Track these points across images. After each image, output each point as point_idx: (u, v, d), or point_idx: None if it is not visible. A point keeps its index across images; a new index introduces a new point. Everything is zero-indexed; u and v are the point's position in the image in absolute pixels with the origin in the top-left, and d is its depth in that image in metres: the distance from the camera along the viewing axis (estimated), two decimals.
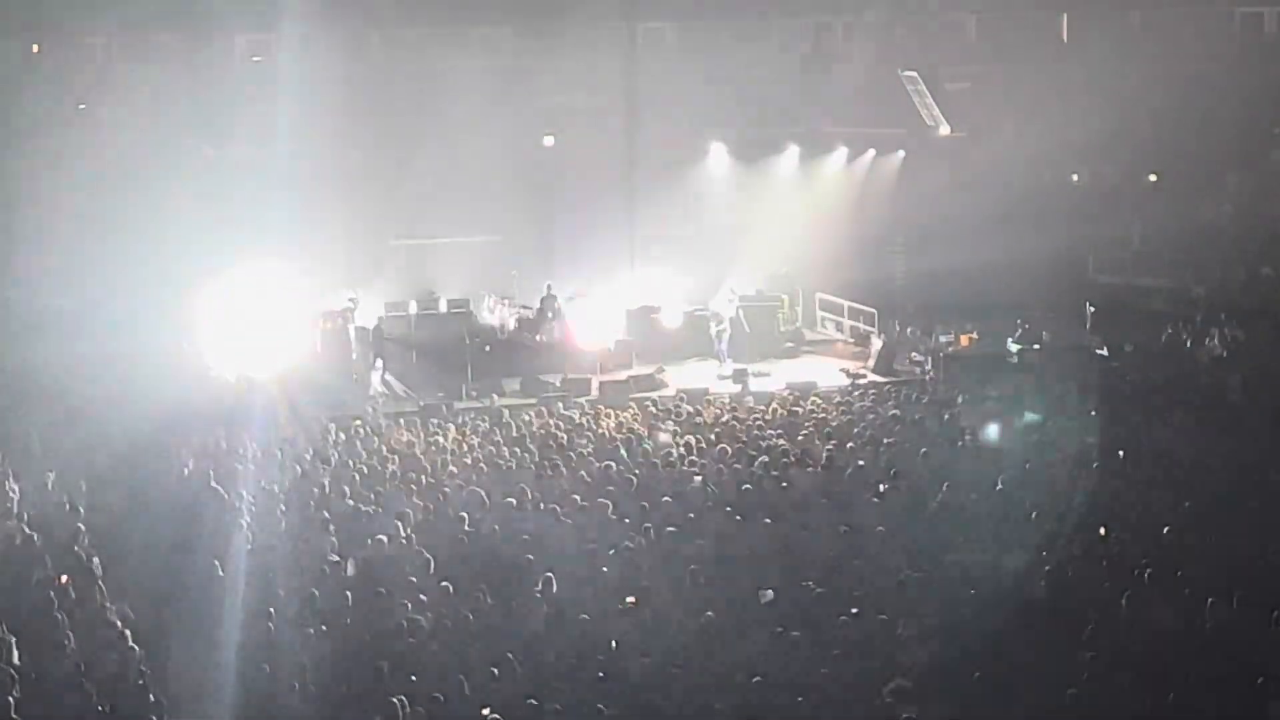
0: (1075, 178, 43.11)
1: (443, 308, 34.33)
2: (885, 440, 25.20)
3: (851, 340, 36.37)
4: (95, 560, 19.30)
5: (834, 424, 26.72)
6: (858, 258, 38.67)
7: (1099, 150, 41.67)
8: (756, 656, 16.02)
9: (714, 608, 17.41)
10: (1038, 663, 15.65)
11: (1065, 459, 23.52)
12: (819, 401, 29.25)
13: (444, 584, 18.21)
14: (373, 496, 22.18)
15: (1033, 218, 39.84)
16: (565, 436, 25.82)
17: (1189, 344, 32.99)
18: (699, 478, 22.98)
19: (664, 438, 24.74)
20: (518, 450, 24.82)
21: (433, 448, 25.46)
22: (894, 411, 27.79)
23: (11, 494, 22.17)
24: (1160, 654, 15.83)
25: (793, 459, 24.01)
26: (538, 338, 34.08)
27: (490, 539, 20.17)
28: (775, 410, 28.17)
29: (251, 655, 16.17)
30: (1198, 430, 25.80)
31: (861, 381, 32.04)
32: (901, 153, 41.33)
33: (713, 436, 25.58)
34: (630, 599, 17.81)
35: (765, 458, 23.99)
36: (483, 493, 22.16)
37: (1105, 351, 32.62)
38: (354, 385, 31.15)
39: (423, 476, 23.30)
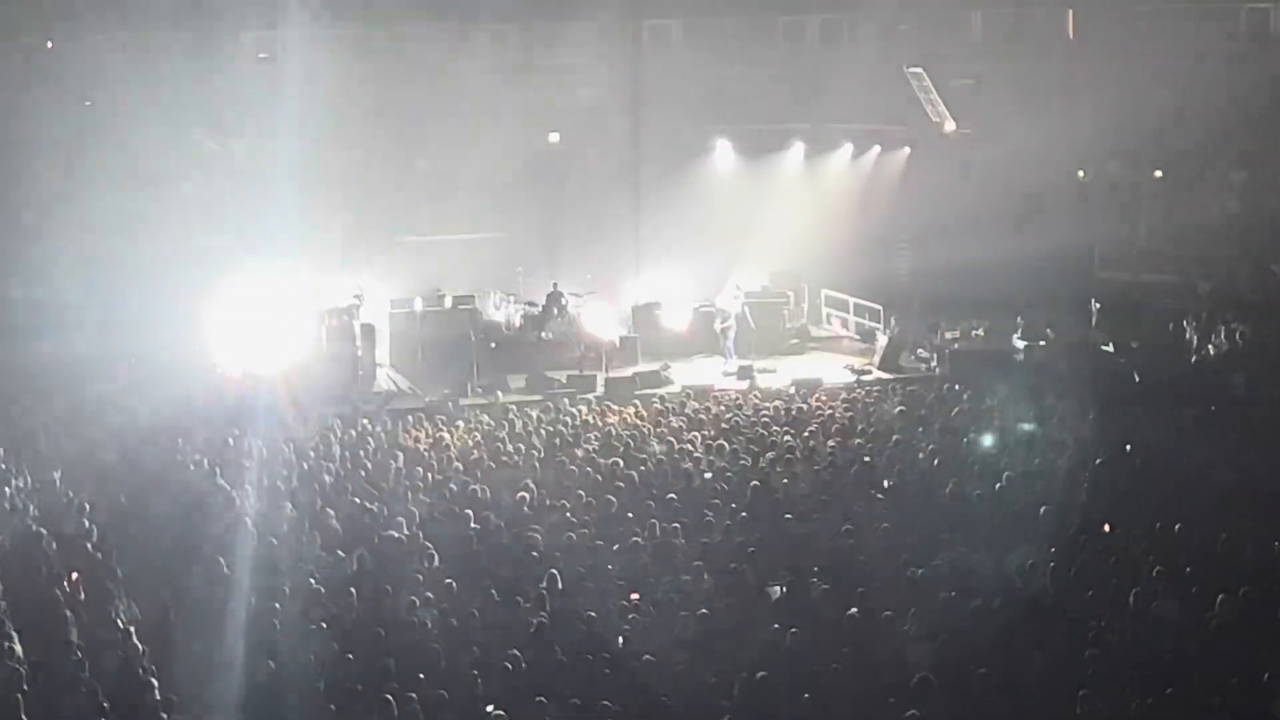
0: (1081, 174, 43.07)
1: (448, 304, 34.31)
2: (891, 437, 25.19)
3: (857, 337, 36.38)
4: (101, 557, 19.31)
5: (840, 421, 26.72)
6: (863, 254, 38.68)
7: (1105, 147, 41.65)
8: (761, 653, 16.01)
9: (719, 604, 17.41)
10: (1044, 660, 15.62)
11: (1071, 455, 23.48)
12: (824, 398, 29.26)
13: (449, 581, 18.23)
14: (378, 493, 22.18)
15: (1038, 214, 39.92)
16: (571, 433, 25.82)
17: (1195, 340, 32.92)
18: (705, 474, 22.98)
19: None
20: (523, 447, 24.81)
21: (438, 444, 25.46)
22: (900, 408, 27.78)
23: (18, 491, 22.17)
24: (1167, 651, 15.81)
25: (798, 455, 24.01)
26: (543, 334, 34.06)
27: (495, 536, 20.17)
28: (781, 407, 28.14)
29: (256, 652, 16.17)
30: (1203, 426, 25.77)
31: (867, 378, 32.05)
32: (907, 149, 41.31)
33: (716, 433, 25.57)
34: (635, 596, 17.82)
35: (771, 454, 23.99)
36: (488, 489, 22.18)
37: (1111, 348, 32.62)
38: (359, 382, 31.16)
39: (428, 473, 23.31)
